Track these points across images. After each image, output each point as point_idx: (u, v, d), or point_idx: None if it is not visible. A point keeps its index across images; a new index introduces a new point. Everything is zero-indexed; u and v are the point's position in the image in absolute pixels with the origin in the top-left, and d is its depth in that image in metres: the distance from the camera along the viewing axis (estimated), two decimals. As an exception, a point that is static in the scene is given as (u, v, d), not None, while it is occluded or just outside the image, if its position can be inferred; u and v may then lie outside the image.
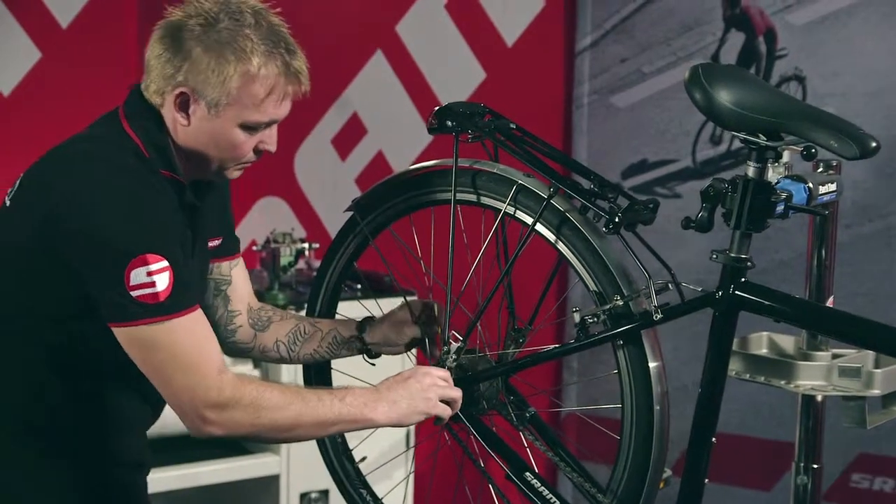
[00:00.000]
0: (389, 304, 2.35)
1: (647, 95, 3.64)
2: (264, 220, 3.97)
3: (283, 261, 3.37)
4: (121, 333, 1.68)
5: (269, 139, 1.83)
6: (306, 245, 3.54)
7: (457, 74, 3.90)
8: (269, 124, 1.81)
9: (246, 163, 1.83)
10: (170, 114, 1.78)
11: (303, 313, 2.15)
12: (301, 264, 3.53)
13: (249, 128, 1.77)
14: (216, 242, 1.95)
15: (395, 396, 1.77)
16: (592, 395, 3.51)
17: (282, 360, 2.07)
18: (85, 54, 3.72)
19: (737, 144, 3.47)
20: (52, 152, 1.83)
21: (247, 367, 3.49)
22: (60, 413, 1.78)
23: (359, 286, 3.12)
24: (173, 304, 1.67)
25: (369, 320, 2.04)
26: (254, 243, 3.72)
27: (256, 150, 1.82)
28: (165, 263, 1.66)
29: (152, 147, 1.77)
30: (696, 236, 1.76)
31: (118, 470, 1.87)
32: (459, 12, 3.87)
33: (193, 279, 1.81)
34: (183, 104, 1.76)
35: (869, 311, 1.71)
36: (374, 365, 2.03)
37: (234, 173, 1.84)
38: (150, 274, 1.65)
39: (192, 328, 1.70)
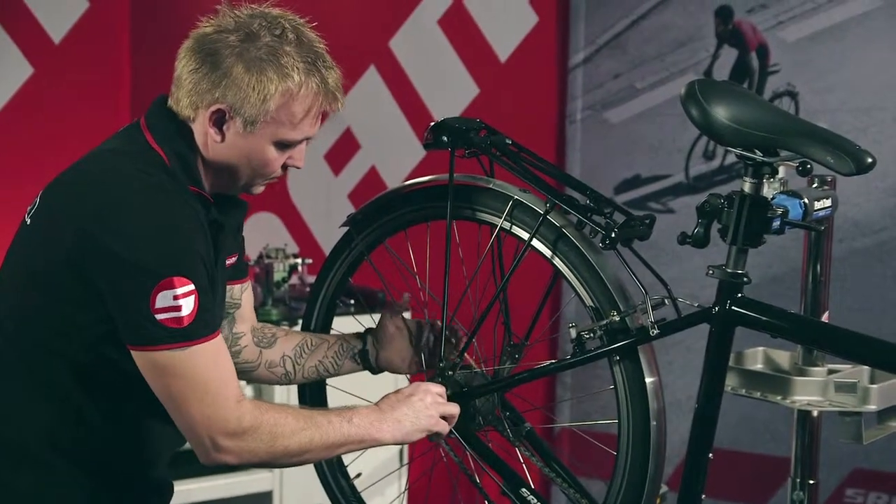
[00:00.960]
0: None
1: (641, 111, 3.64)
2: (257, 235, 3.96)
3: (277, 276, 3.37)
4: (140, 357, 1.64)
5: (299, 156, 1.80)
6: (299, 260, 3.53)
7: (450, 90, 3.91)
8: (301, 141, 1.79)
9: (273, 179, 1.81)
10: (202, 128, 1.73)
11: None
12: (294, 279, 3.53)
13: (284, 145, 1.75)
14: (231, 260, 1.92)
15: (398, 415, 1.77)
16: (586, 410, 3.50)
17: (285, 377, 2.02)
18: (77, 70, 3.73)
19: (730, 160, 3.48)
20: (77, 168, 1.77)
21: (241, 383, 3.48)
22: (88, 435, 1.73)
23: (352, 301, 3.12)
24: (196, 330, 1.63)
25: (373, 334, 2.03)
26: (247, 259, 3.71)
27: (283, 166, 1.80)
28: (192, 287, 1.62)
29: (178, 162, 1.73)
30: (689, 251, 1.76)
31: (145, 493, 1.83)
32: (453, 28, 3.88)
33: (216, 302, 1.77)
34: (218, 121, 1.72)
35: (862, 326, 1.71)
36: (375, 374, 2.04)
37: (259, 189, 1.83)
38: (176, 298, 1.61)
39: (214, 355, 1.66)
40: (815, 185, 1.89)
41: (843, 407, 1.85)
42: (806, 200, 1.72)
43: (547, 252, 1.79)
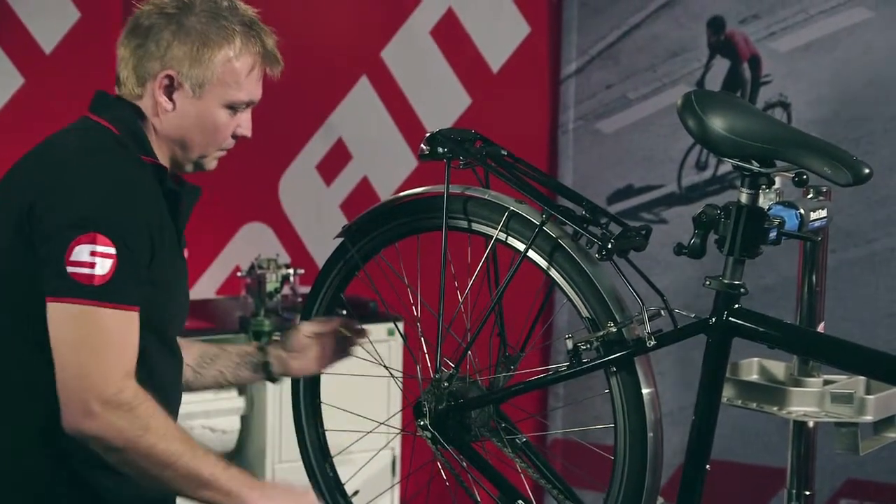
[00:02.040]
0: (374, 330, 2.33)
1: (633, 121, 3.66)
2: (248, 245, 3.95)
3: (269, 287, 3.35)
4: (49, 309, 1.62)
5: (246, 123, 1.87)
6: (291, 271, 3.52)
7: (442, 100, 3.91)
8: (248, 104, 1.86)
9: (225, 149, 1.86)
10: (151, 101, 1.78)
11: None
12: (286, 290, 3.52)
13: (232, 108, 1.81)
14: None
15: (273, 493, 1.70)
16: (579, 420, 3.50)
17: (184, 385, 1.96)
18: (68, 80, 3.71)
19: (722, 170, 3.49)
20: (27, 155, 1.82)
21: (233, 394, 3.47)
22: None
23: (344, 312, 3.10)
24: (106, 294, 1.61)
25: (282, 345, 2.06)
26: (238, 269, 3.70)
27: (234, 136, 1.86)
28: (113, 251, 1.62)
29: (128, 133, 1.76)
30: (683, 261, 1.76)
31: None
32: (445, 38, 3.88)
33: (175, 275, 1.81)
34: (168, 88, 1.77)
35: (855, 336, 1.71)
36: (275, 383, 2.08)
37: (213, 162, 1.87)
38: (93, 254, 1.61)
39: (118, 325, 1.63)
40: (810, 196, 1.89)
41: (840, 418, 1.85)
42: (802, 211, 1.72)
43: (543, 263, 1.79)
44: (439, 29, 3.89)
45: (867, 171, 1.55)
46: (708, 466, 1.71)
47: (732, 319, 1.65)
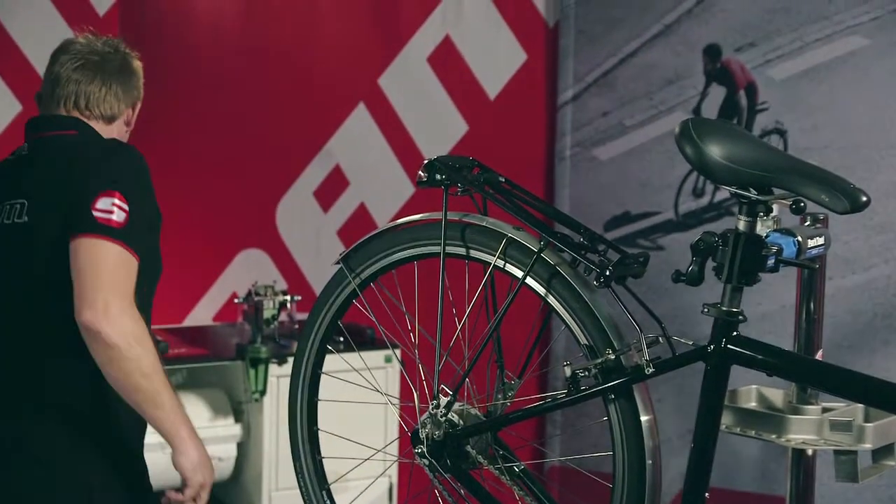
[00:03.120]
0: (371, 357, 2.33)
1: (629, 148, 3.67)
2: (245, 272, 3.95)
3: (267, 314, 3.35)
4: (75, 244, 2.00)
5: None
6: (288, 297, 3.51)
7: (439, 127, 3.92)
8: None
9: None
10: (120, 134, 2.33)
11: (288, 368, 2.15)
12: (283, 317, 3.51)
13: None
14: None
15: (199, 444, 2.10)
16: (575, 447, 3.49)
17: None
18: (66, 106, 3.72)
19: (719, 197, 3.49)
20: (49, 156, 2.18)
21: (229, 421, 3.46)
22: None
23: (341, 339, 3.09)
24: (121, 235, 2.01)
25: None
26: (235, 296, 3.69)
27: None
28: (127, 207, 2.03)
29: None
30: (679, 288, 1.76)
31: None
32: (442, 65, 3.90)
33: (146, 241, 2.12)
34: (128, 120, 2.37)
35: (852, 364, 1.71)
36: None
37: None
38: (113, 205, 2.02)
39: (126, 261, 2.01)
40: (807, 224, 1.89)
41: (839, 446, 1.84)
42: (800, 238, 1.72)
43: (541, 290, 1.78)
44: (436, 56, 3.90)
45: (864, 198, 1.55)
46: (707, 494, 1.70)
47: (731, 347, 1.65)
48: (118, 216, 2.01)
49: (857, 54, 3.30)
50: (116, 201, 2.02)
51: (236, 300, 3.59)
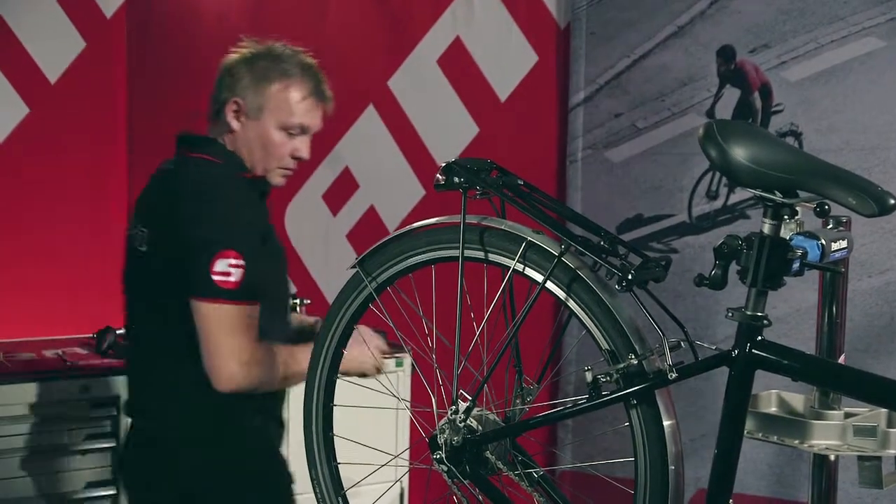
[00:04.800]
0: (386, 362, 2.32)
1: (642, 150, 3.64)
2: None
3: (278, 317, 3.32)
4: (199, 307, 2.26)
5: (302, 146, 2.44)
6: (298, 301, 3.49)
7: (449, 129, 3.90)
8: (301, 130, 2.43)
9: (286, 168, 2.43)
10: (226, 126, 2.41)
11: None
12: (293, 320, 3.49)
13: (285, 130, 2.40)
14: None
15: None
16: (588, 452, 3.46)
17: None
18: (73, 109, 3.70)
19: (733, 199, 3.47)
20: (161, 187, 2.45)
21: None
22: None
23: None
24: (240, 295, 2.25)
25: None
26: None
27: (293, 157, 2.43)
28: (241, 262, 2.24)
29: (227, 160, 2.39)
30: (692, 291, 1.74)
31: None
32: (452, 67, 3.88)
33: (275, 261, 2.44)
34: (235, 112, 2.40)
35: (870, 368, 1.69)
36: None
37: (277, 178, 2.45)
38: (230, 266, 2.23)
39: (247, 315, 2.28)
40: (830, 227, 1.87)
41: (863, 451, 1.82)
42: (823, 242, 1.69)
43: (561, 294, 1.76)
44: (447, 58, 3.88)
45: (893, 201, 1.53)
46: (731, 500, 1.67)
47: (755, 352, 1.62)
48: (235, 276, 2.25)
49: (873, 56, 3.28)
50: (232, 261, 2.24)
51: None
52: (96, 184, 3.76)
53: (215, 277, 2.22)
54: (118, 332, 3.43)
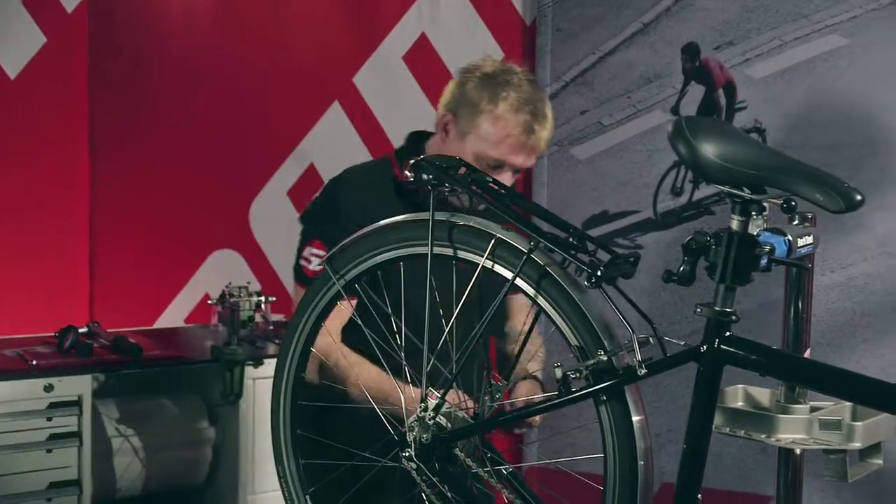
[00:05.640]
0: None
1: (607, 147, 3.65)
2: (218, 273, 3.91)
3: (243, 315, 3.31)
4: (293, 290, 2.45)
5: (503, 180, 2.31)
6: (263, 298, 3.47)
7: (415, 126, 3.87)
8: (500, 165, 2.33)
9: None
10: (438, 137, 2.43)
11: (267, 369, 2.11)
12: (258, 318, 3.47)
13: (483, 160, 2.31)
14: None
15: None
16: (555, 448, 3.47)
17: None
18: (34, 105, 3.66)
19: (697, 196, 3.49)
20: None
21: (204, 424, 3.41)
22: None
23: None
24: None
25: None
26: (207, 297, 3.65)
27: None
28: (323, 253, 2.26)
29: (392, 157, 2.51)
30: (658, 287, 1.74)
31: None
32: (417, 63, 3.87)
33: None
34: (445, 126, 2.40)
35: (832, 362, 1.70)
36: None
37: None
38: (312, 255, 2.37)
39: None
40: (796, 223, 1.88)
41: (829, 445, 1.83)
42: (790, 238, 1.71)
43: (531, 291, 1.76)
44: (412, 54, 3.88)
45: (859, 197, 1.54)
46: (700, 496, 1.68)
47: (724, 347, 1.63)
48: (315, 265, 2.34)
49: (836, 53, 3.31)
50: (315, 251, 2.38)
51: (209, 301, 3.54)
52: (57, 181, 3.71)
53: (303, 262, 2.40)
54: (80, 330, 3.40)
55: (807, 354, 1.96)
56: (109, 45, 3.83)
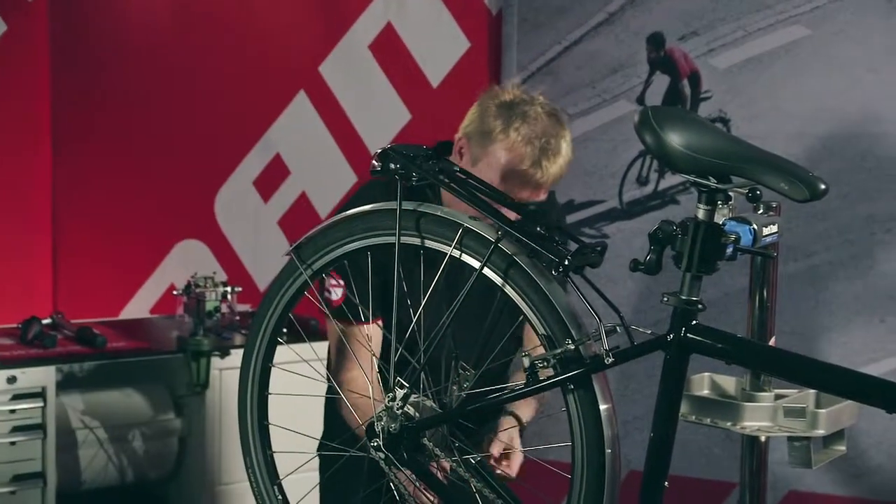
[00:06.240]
0: (320, 348, 2.31)
1: (574, 137, 3.63)
2: (183, 263, 3.89)
3: (209, 306, 3.30)
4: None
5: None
6: (229, 289, 3.46)
7: (381, 115, 3.89)
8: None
9: None
10: (455, 157, 2.32)
11: (234, 360, 2.10)
12: (224, 308, 3.46)
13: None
14: None
15: None
16: (525, 438, 3.48)
17: None
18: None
19: (663, 185, 3.51)
20: None
21: (170, 416, 3.40)
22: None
23: (284, 330, 3.05)
24: (337, 314, 2.25)
25: None
26: (173, 288, 3.64)
27: None
28: (341, 281, 2.25)
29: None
30: (626, 276, 1.75)
31: None
32: (384, 53, 3.87)
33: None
34: (461, 148, 2.32)
35: (796, 350, 1.72)
36: None
37: None
38: (331, 286, 2.27)
39: (349, 335, 2.25)
40: (760, 212, 1.89)
41: (793, 432, 1.85)
42: (755, 226, 1.72)
43: (498, 280, 1.76)
44: (378, 44, 3.87)
45: (823, 186, 1.56)
46: (667, 483, 1.70)
47: (690, 336, 1.64)
48: (335, 295, 2.28)
49: (798, 44, 3.33)
50: (333, 281, 2.27)
51: (175, 292, 3.53)
52: (20, 171, 3.68)
53: (327, 294, 2.29)
54: (44, 321, 3.37)
55: (772, 343, 1.98)
56: (71, 35, 3.79)
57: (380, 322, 2.29)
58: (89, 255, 3.85)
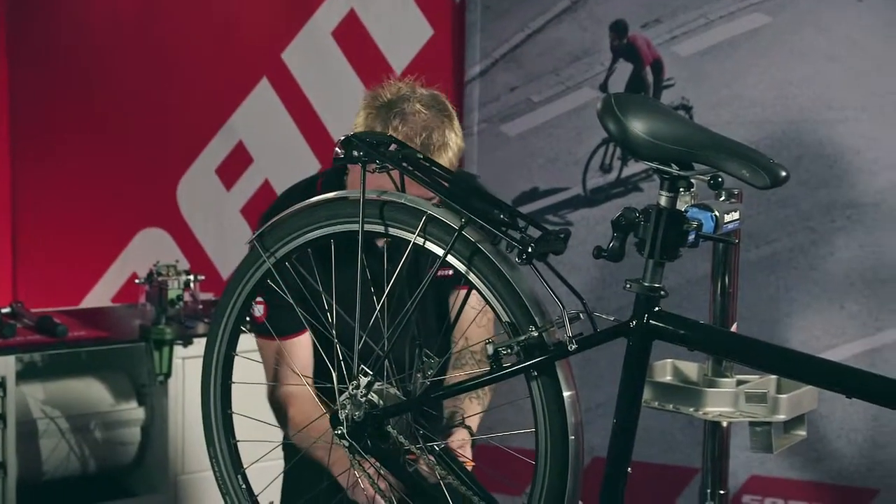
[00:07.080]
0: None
1: (537, 124, 3.66)
2: (145, 252, 3.87)
3: (172, 294, 3.27)
4: None
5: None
6: (192, 277, 3.44)
7: (345, 102, 3.86)
8: None
9: None
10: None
11: (197, 348, 2.09)
12: (186, 297, 3.44)
13: None
14: None
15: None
16: (487, 425, 3.49)
17: None
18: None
19: (626, 173, 3.52)
20: None
21: (132, 405, 3.38)
22: None
23: (247, 319, 3.04)
24: (260, 330, 2.24)
25: None
26: (135, 276, 3.61)
27: None
28: (263, 297, 2.17)
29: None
30: (589, 264, 1.75)
31: None
32: (347, 40, 3.85)
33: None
34: None
35: (757, 336, 1.73)
36: None
37: None
38: (257, 303, 2.18)
39: (270, 353, 2.28)
40: (722, 199, 1.90)
41: (755, 417, 1.87)
42: (717, 213, 1.73)
43: (462, 267, 1.76)
44: (341, 30, 3.85)
45: (784, 173, 1.57)
46: (630, 469, 1.71)
47: (653, 322, 1.65)
48: (257, 310, 2.24)
49: (759, 32, 3.35)
50: (258, 298, 2.17)
51: (137, 281, 3.50)
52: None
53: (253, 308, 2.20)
54: (3, 311, 3.34)
55: (733, 329, 1.99)
56: (29, 22, 3.75)
57: (306, 334, 2.28)
58: (50, 244, 3.81)
